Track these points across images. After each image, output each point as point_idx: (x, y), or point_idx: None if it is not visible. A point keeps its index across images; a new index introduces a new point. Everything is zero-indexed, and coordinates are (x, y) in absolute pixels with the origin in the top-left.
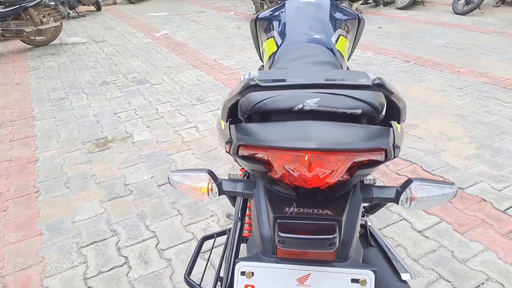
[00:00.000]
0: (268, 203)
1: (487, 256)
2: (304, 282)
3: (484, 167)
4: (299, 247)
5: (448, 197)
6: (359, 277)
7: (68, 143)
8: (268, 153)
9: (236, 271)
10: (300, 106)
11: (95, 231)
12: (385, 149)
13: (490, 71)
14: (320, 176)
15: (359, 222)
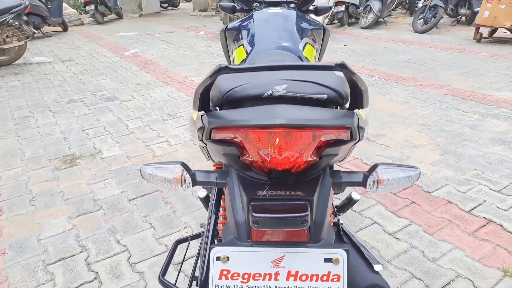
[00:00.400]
0: (242, 188)
1: (456, 254)
2: (279, 263)
3: (449, 172)
4: (273, 226)
5: (412, 180)
6: (332, 257)
7: (33, 161)
8: (240, 133)
9: (211, 256)
10: (269, 92)
11: (63, 247)
12: (350, 128)
13: (449, 84)
14: (290, 158)
15: (329, 206)
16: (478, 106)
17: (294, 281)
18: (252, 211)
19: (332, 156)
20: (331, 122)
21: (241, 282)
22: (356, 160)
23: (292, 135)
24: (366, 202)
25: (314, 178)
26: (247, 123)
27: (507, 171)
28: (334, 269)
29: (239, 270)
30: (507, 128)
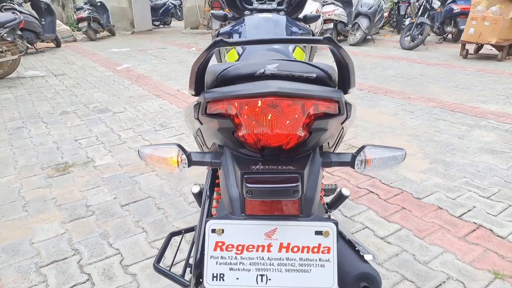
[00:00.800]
0: (236, 164)
1: (447, 257)
2: (271, 236)
3: (438, 179)
4: (266, 196)
5: (398, 160)
6: (322, 229)
7: (26, 169)
8: (234, 105)
9: (207, 229)
10: (261, 70)
11: (55, 251)
12: (338, 102)
13: (437, 97)
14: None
15: (319, 184)
16: (466, 117)
17: (286, 253)
18: (246, 183)
19: (321, 131)
20: (320, 93)
21: (235, 253)
22: (347, 169)
23: (283, 103)
24: (357, 208)
25: (305, 156)
26: (241, 93)
27: (495, 179)
28: (325, 241)
29: (233, 242)
30: (495, 138)
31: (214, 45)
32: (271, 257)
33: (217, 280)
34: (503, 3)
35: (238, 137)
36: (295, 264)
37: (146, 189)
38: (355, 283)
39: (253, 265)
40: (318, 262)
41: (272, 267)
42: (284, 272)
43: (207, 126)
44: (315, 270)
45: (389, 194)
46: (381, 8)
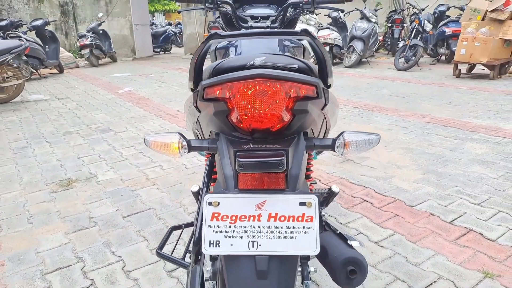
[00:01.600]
0: (230, 145)
1: (438, 259)
2: (261, 207)
3: (431, 188)
4: (255, 169)
5: (373, 143)
6: (306, 201)
7: (31, 185)
8: (227, 88)
9: (204, 202)
10: (251, 62)
11: (60, 259)
12: (316, 86)
13: (430, 113)
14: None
15: (304, 164)
16: (458, 132)
17: (274, 221)
18: (238, 158)
19: (303, 114)
20: (300, 77)
21: (229, 222)
22: (342, 180)
23: (268, 85)
24: (351, 215)
25: (291, 138)
26: (233, 76)
27: (486, 187)
28: (308, 211)
29: (228, 212)
30: (486, 150)
31: (209, 38)
32: (261, 226)
33: (213, 247)
34: (492, 24)
35: (231, 121)
36: (282, 232)
37: (147, 201)
38: (343, 267)
39: (245, 232)
40: (302, 229)
41: (262, 234)
42: (272, 238)
43: (204, 113)
44: (299, 237)
45: (382, 202)
46: (375, 31)
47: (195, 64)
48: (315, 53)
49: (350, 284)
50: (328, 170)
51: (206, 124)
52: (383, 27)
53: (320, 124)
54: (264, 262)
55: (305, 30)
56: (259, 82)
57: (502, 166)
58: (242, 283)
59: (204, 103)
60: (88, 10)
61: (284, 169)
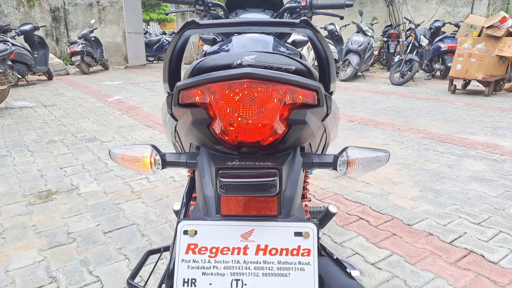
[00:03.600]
0: (211, 160)
1: (438, 283)
2: (248, 237)
3: (429, 206)
4: (241, 192)
5: (382, 161)
6: (302, 230)
7: (7, 196)
8: (207, 91)
9: (178, 230)
10: (238, 61)
11: (31, 278)
12: (316, 91)
13: (427, 129)
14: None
15: (300, 185)
16: (455, 148)
17: (264, 255)
18: (220, 177)
19: (300, 126)
20: (297, 80)
21: (208, 256)
22: (337, 196)
23: (258, 88)
24: (347, 234)
25: (285, 154)
26: (212, 76)
27: (485, 206)
28: (305, 243)
29: (207, 244)
30: (484, 167)
31: (185, 27)
32: (247, 260)
33: (188, 286)
34: (488, 41)
35: (214, 132)
36: (273, 268)
37: (130, 216)
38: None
39: (227, 269)
40: (297, 265)
41: (248, 271)
42: (261, 276)
43: (181, 122)
44: (294, 274)
45: (379, 220)
46: (370, 45)
47: (170, 61)
48: (316, 50)
49: None
50: (322, 185)
51: (185, 135)
52: (378, 41)
53: (320, 137)
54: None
55: (304, 20)
56: (247, 84)
57: (500, 184)
58: None
59: (180, 109)
60: (80, 17)
61: (277, 192)
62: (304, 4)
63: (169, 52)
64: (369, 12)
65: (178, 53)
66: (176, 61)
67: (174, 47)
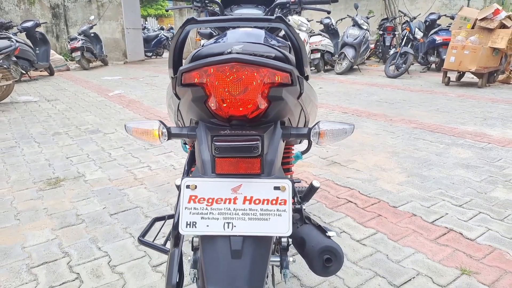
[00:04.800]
0: (208, 131)
1: (418, 257)
2: (237, 190)
3: (414, 190)
4: (231, 152)
5: (347, 133)
6: (280, 185)
7: (19, 183)
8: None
9: (182, 185)
10: (228, 50)
11: (46, 253)
12: (290, 73)
13: (418, 119)
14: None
15: (280, 151)
16: (444, 137)
17: (249, 204)
18: (215, 142)
19: (279, 102)
20: (274, 64)
21: (206, 205)
22: (328, 181)
23: (243, 70)
24: (335, 215)
25: (267, 125)
26: (209, 60)
27: (468, 190)
28: (282, 195)
29: (205, 195)
30: (470, 155)
31: (186, 23)
32: (236, 208)
33: (190, 227)
34: (482, 33)
35: (209, 108)
36: (257, 214)
37: (134, 200)
38: (319, 256)
39: (221, 214)
40: (276, 212)
41: (237, 216)
42: (247, 220)
43: (183, 100)
44: (273, 219)
45: (366, 203)
46: (366, 39)
47: (174, 51)
48: (290, 41)
49: (326, 273)
50: (314, 172)
51: (186, 112)
52: (375, 34)
53: (298, 114)
54: (239, 242)
55: (279, 16)
56: (236, 67)
57: (485, 170)
58: (217, 262)
59: (182, 88)
60: (79, 13)
61: (259, 154)
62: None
63: (173, 43)
64: (366, 6)
65: (180, 44)
66: (178, 51)
67: (177, 39)
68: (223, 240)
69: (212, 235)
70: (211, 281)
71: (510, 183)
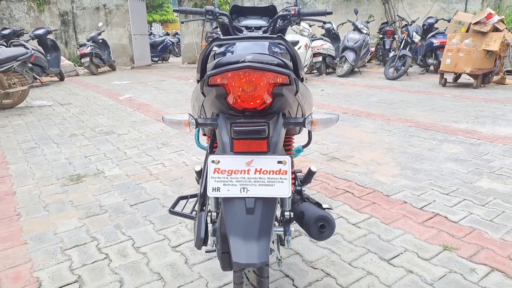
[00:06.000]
0: (227, 120)
1: (406, 237)
2: (250, 164)
3: (407, 182)
4: (246, 134)
5: (333, 121)
6: (282, 160)
7: (43, 179)
8: (225, 76)
9: (208, 160)
10: (242, 59)
11: (76, 238)
12: (288, 76)
13: (414, 118)
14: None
15: (282, 136)
16: (437, 134)
17: (259, 174)
18: (233, 127)
19: (280, 97)
20: (276, 69)
21: (227, 175)
22: (328, 175)
23: (254, 74)
24: (334, 203)
25: (272, 116)
26: (228, 68)
27: (456, 180)
28: (283, 167)
29: (226, 168)
30: (460, 150)
31: (212, 41)
32: (250, 177)
33: (215, 191)
34: (476, 36)
35: (228, 103)
36: (265, 181)
37: (151, 192)
38: (315, 223)
39: (238, 182)
40: (279, 179)
41: (250, 183)
42: (257, 186)
43: (208, 97)
44: (277, 185)
45: (362, 193)
46: (366, 42)
47: (202, 60)
48: (288, 53)
49: (320, 237)
50: (316, 167)
51: (209, 106)
52: (375, 38)
53: (296, 108)
54: (252, 202)
55: (279, 35)
56: (248, 72)
57: (473, 163)
58: (236, 217)
59: (208, 88)
60: (87, 20)
61: (266, 136)
62: (294, 12)
63: (201, 55)
64: (366, 10)
65: (206, 55)
66: (205, 61)
67: (205, 52)
68: (239, 201)
69: (231, 197)
70: (231, 231)
71: (494, 174)
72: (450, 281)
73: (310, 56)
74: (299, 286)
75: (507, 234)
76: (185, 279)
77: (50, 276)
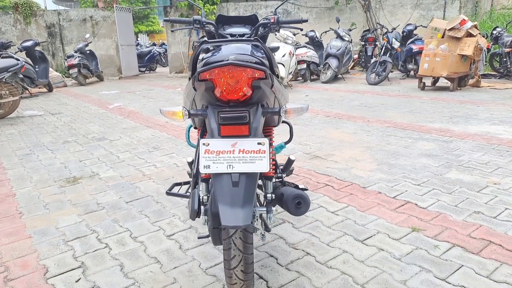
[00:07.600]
0: (215, 109)
1: (379, 221)
2: (234, 145)
3: (382, 175)
4: (230, 120)
5: (304, 110)
6: (261, 141)
7: (41, 182)
8: (212, 72)
9: (200, 143)
10: (226, 59)
11: (77, 231)
12: (264, 71)
13: (393, 120)
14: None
15: (261, 123)
16: (413, 133)
17: (242, 154)
18: (220, 114)
19: (259, 90)
20: (254, 66)
21: (215, 155)
22: (310, 171)
23: (236, 70)
24: (315, 195)
25: (252, 106)
26: (214, 65)
27: (427, 173)
28: (262, 147)
29: (214, 149)
30: (434, 147)
31: (202, 43)
32: (234, 156)
33: (206, 168)
34: (451, 41)
35: (215, 95)
36: (247, 159)
37: (145, 191)
38: (292, 200)
39: (224, 160)
40: (259, 158)
41: (235, 161)
42: (241, 163)
43: (198, 91)
44: (257, 162)
45: (341, 185)
46: (348, 49)
47: (193, 60)
48: (264, 53)
49: (297, 212)
50: (299, 165)
51: (200, 99)
52: (358, 45)
53: (273, 100)
54: (236, 177)
55: (256, 38)
56: (232, 68)
57: (444, 157)
58: (224, 189)
59: (199, 83)
60: (74, 32)
61: (247, 122)
62: (273, 20)
63: (193, 55)
64: (348, 18)
65: (197, 56)
66: (196, 60)
67: (195, 53)
68: (226, 176)
69: (220, 173)
70: (220, 200)
71: (462, 166)
72: (416, 256)
73: (294, 63)
74: (282, 264)
75: (469, 216)
76: (179, 261)
77: (56, 263)
